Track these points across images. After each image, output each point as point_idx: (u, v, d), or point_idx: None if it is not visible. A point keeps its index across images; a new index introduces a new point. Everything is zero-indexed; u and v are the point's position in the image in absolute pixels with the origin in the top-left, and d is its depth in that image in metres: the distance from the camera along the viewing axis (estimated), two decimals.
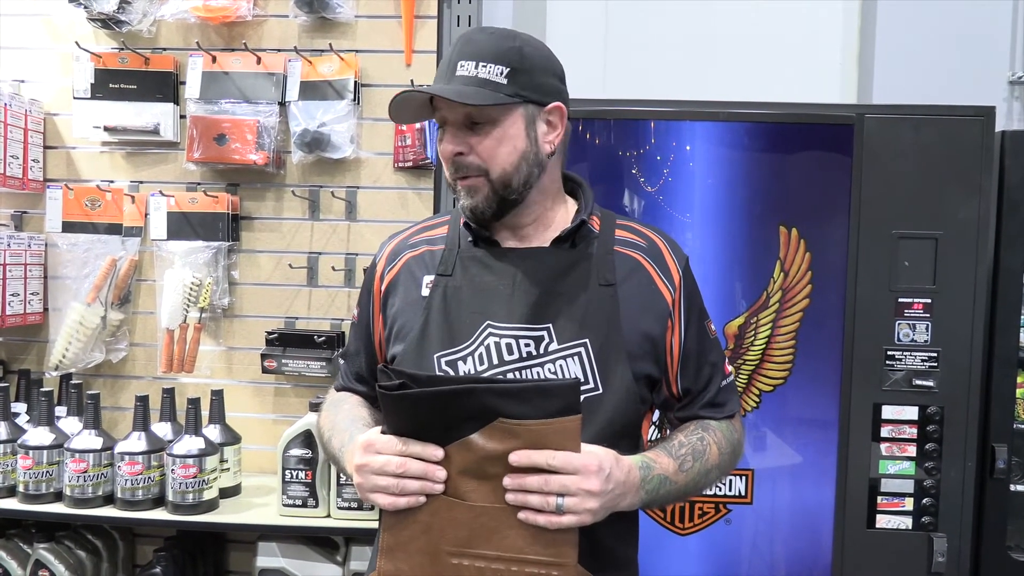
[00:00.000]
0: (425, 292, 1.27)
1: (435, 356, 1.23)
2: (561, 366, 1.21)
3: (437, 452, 1.07)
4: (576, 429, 1.06)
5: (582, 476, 1.05)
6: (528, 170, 1.24)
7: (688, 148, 2.00)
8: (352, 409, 1.35)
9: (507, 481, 1.06)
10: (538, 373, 1.21)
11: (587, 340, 1.21)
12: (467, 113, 1.20)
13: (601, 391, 1.21)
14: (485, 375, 1.21)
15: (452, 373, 1.23)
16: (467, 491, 1.07)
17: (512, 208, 1.25)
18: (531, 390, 1.07)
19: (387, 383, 1.08)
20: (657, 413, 1.45)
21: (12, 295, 2.21)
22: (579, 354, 1.21)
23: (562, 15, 2.62)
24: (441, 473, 1.07)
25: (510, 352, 1.21)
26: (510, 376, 1.20)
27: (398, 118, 1.30)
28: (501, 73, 1.19)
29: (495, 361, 1.21)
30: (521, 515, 1.06)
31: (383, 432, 1.12)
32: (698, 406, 1.32)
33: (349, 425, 1.27)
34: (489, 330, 1.22)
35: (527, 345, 1.21)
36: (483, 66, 1.19)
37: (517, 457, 1.05)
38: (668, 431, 1.38)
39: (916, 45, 2.47)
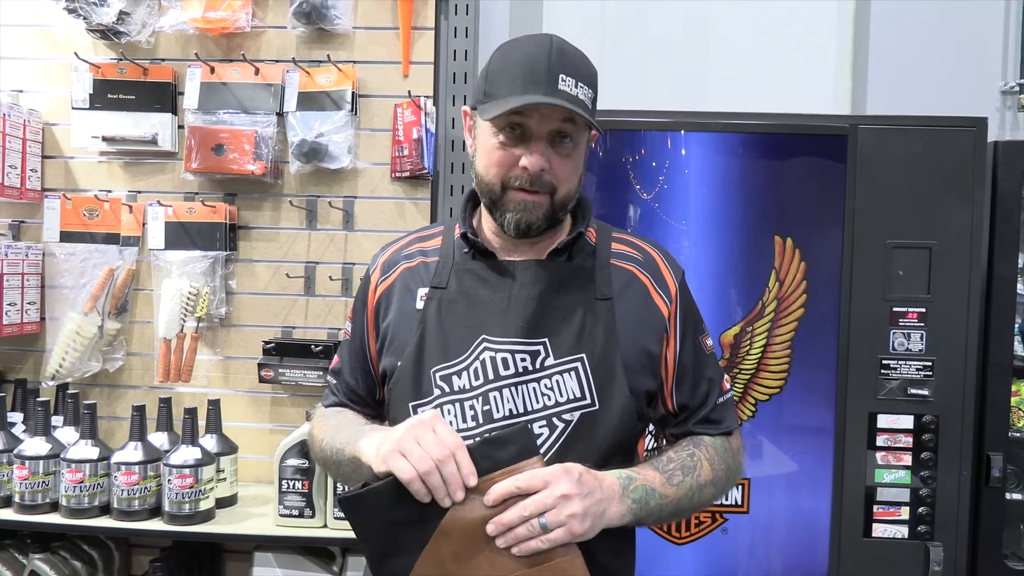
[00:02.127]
0: (420, 304, 1.26)
1: (431, 371, 1.22)
2: (558, 381, 1.20)
3: (472, 479, 1.06)
4: (538, 468, 1.08)
5: (552, 486, 1.05)
6: (576, 193, 1.26)
7: (683, 157, 2.01)
8: (356, 416, 1.34)
9: (490, 528, 1.06)
10: (535, 388, 1.20)
11: (584, 355, 1.21)
12: (560, 130, 1.19)
13: (598, 407, 1.20)
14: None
15: (447, 388, 1.21)
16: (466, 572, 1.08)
17: (556, 226, 1.26)
18: (482, 445, 1.09)
19: (348, 490, 1.11)
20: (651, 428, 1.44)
21: (9, 304, 2.21)
22: (576, 369, 1.20)
23: (558, 25, 2.64)
24: (460, 495, 1.06)
25: (506, 367, 1.20)
26: (506, 393, 1.19)
27: (485, 115, 1.19)
28: (589, 98, 1.20)
29: (491, 376, 1.20)
30: (515, 550, 1.05)
31: (360, 540, 1.11)
32: (694, 422, 1.30)
33: (355, 424, 1.27)
34: (484, 344, 1.21)
35: (523, 360, 1.20)
36: (581, 87, 1.18)
37: (489, 497, 1.05)
38: (664, 441, 1.38)
39: (910, 55, 2.49)
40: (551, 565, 1.06)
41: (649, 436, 1.91)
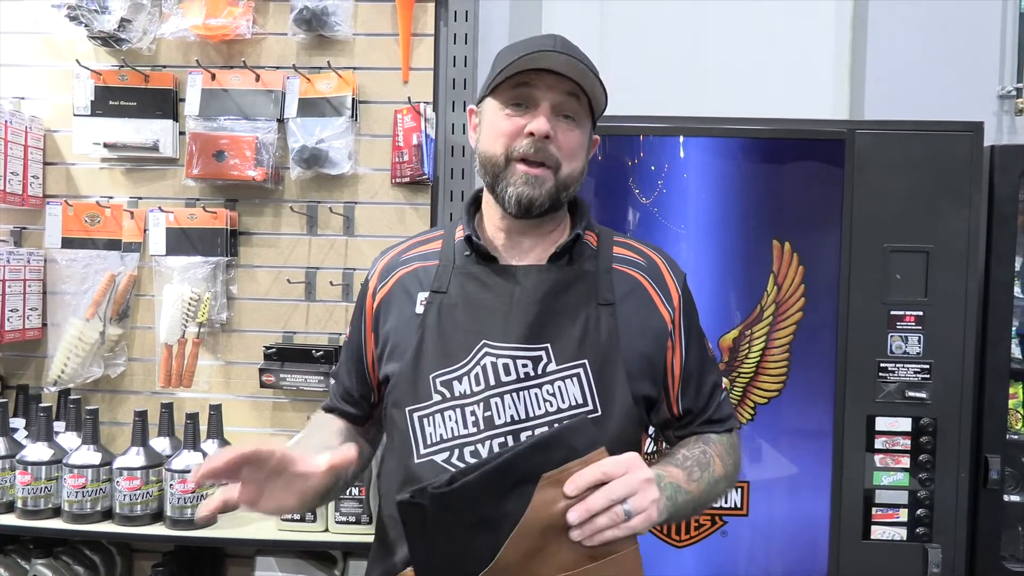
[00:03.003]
0: (419, 309, 1.26)
1: (431, 376, 1.22)
2: (560, 387, 1.19)
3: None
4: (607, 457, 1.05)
5: (632, 472, 1.03)
6: (579, 181, 1.27)
7: (682, 162, 2.03)
8: (323, 438, 1.32)
9: (571, 515, 1.01)
10: (536, 394, 1.19)
11: (586, 361, 1.20)
12: (565, 102, 1.22)
13: (601, 412, 1.19)
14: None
15: (448, 393, 1.20)
16: (545, 571, 1.03)
17: (557, 210, 1.27)
18: (555, 437, 1.04)
19: (430, 484, 1.03)
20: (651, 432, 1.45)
21: (11, 311, 2.22)
22: (578, 375, 1.20)
23: (557, 30, 2.65)
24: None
25: (507, 373, 1.19)
26: (507, 399, 1.18)
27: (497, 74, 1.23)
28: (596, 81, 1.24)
29: (492, 382, 1.19)
30: (588, 541, 1.01)
31: (423, 546, 1.05)
32: (697, 424, 1.31)
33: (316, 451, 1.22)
34: (485, 349, 1.21)
35: (525, 366, 1.19)
36: (587, 64, 1.22)
37: (570, 486, 1.01)
38: (664, 445, 1.38)
39: (907, 60, 2.50)
40: (616, 558, 1.03)
41: (649, 440, 1.92)
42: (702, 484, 1.20)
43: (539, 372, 1.20)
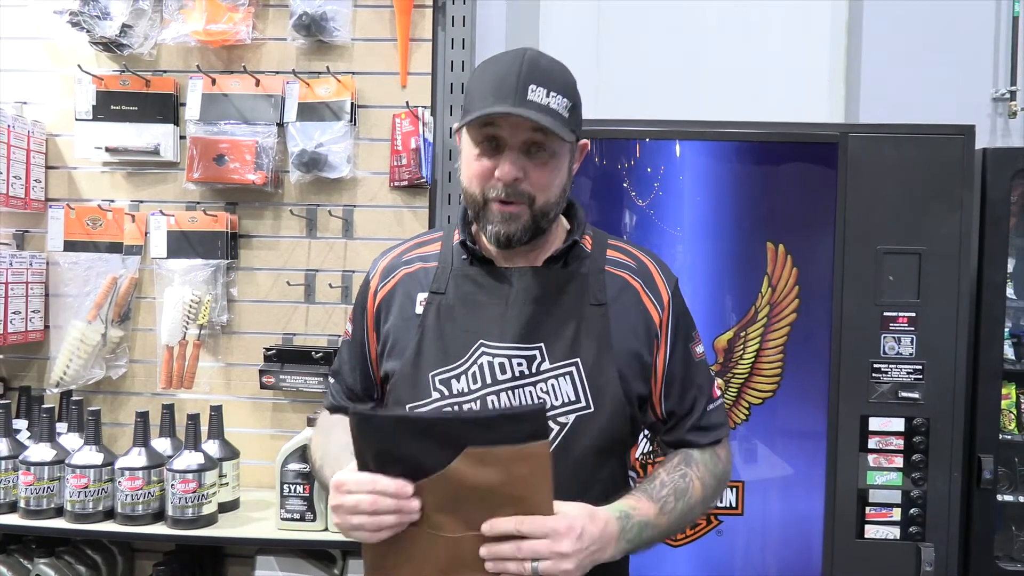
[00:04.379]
0: (419, 309, 1.29)
1: (430, 374, 1.25)
2: (553, 385, 1.23)
3: (407, 488, 1.05)
4: (545, 454, 1.05)
5: (552, 540, 1.04)
6: (561, 201, 1.27)
7: (678, 164, 2.05)
8: (342, 435, 1.32)
9: (483, 551, 1.05)
10: (531, 392, 1.22)
11: (579, 359, 1.23)
12: (532, 140, 1.20)
13: (593, 410, 1.22)
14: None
15: (446, 391, 1.24)
16: (443, 523, 1.07)
17: (540, 236, 1.27)
18: (498, 418, 1.08)
19: (357, 409, 1.09)
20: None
21: (14, 313, 2.24)
22: (571, 373, 1.23)
23: (554, 36, 2.68)
24: (414, 504, 1.05)
25: (503, 371, 1.23)
26: (503, 396, 1.22)
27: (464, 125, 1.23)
28: (565, 107, 1.20)
29: (488, 380, 1.23)
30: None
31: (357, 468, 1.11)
32: (684, 430, 1.32)
33: (339, 454, 1.25)
34: (482, 349, 1.24)
35: (519, 364, 1.23)
36: (553, 96, 1.18)
37: (488, 527, 1.04)
38: (659, 447, 1.40)
39: (902, 63, 2.52)
40: None
41: (644, 439, 1.94)
42: (674, 515, 1.22)
43: (533, 371, 1.23)
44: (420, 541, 1.08)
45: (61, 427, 2.20)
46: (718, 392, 1.37)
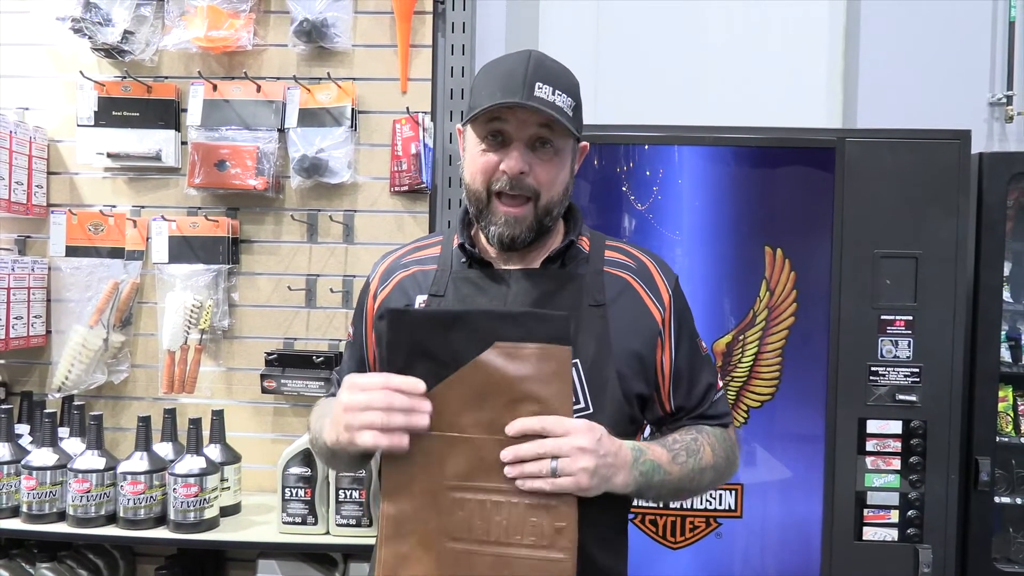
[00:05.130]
0: None
1: None
2: None
3: (419, 385, 1.07)
4: (567, 359, 1.09)
5: (573, 436, 1.08)
6: (563, 201, 1.29)
7: (676, 169, 2.06)
8: (330, 400, 1.36)
9: (503, 453, 1.07)
10: None
11: (577, 361, 1.23)
12: (538, 135, 1.22)
13: (592, 410, 1.23)
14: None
15: None
16: (465, 425, 1.09)
17: (543, 236, 1.28)
18: (526, 314, 1.11)
19: (388, 307, 1.12)
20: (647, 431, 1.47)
21: (16, 318, 2.25)
22: (574, 362, 1.23)
23: (554, 42, 2.70)
24: (426, 405, 1.07)
25: None
26: None
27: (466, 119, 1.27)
28: (570, 106, 1.23)
29: None
30: (519, 482, 1.07)
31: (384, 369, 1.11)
32: (691, 418, 1.34)
33: (325, 410, 1.27)
34: None
35: None
36: (559, 94, 1.21)
37: (511, 428, 1.07)
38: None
39: (900, 68, 2.54)
40: (546, 504, 1.08)
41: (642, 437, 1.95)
42: (685, 469, 1.24)
43: None
44: (440, 448, 1.09)
45: (63, 432, 2.20)
46: (720, 383, 1.40)
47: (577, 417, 1.21)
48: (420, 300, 1.30)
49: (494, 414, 1.08)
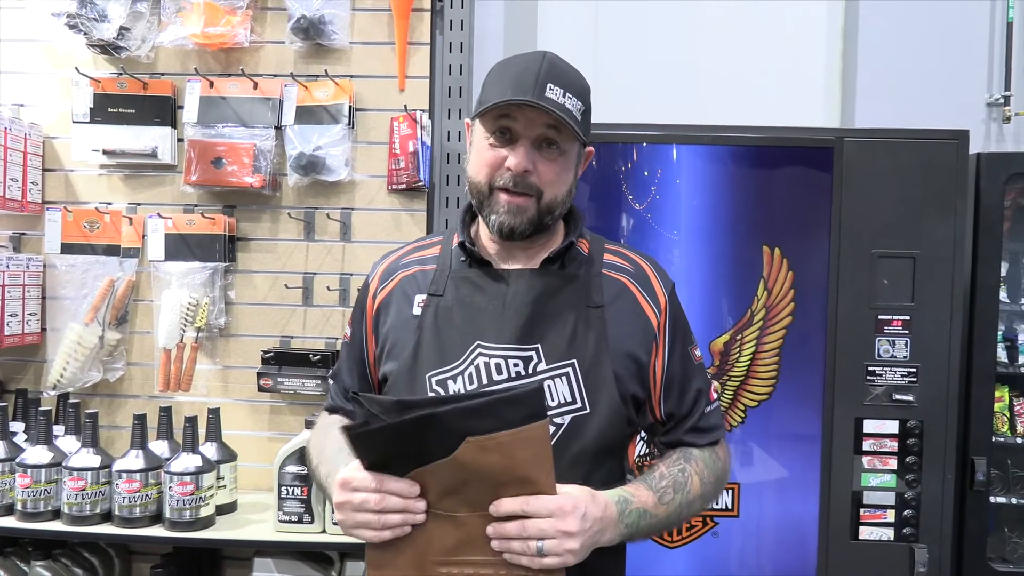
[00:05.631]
0: (417, 311, 1.30)
1: (427, 376, 1.26)
2: (549, 386, 1.24)
3: (414, 488, 1.08)
4: (544, 435, 1.07)
5: (557, 518, 1.07)
6: (566, 202, 1.29)
7: (675, 168, 2.06)
8: (340, 436, 1.35)
9: (489, 530, 1.08)
10: None
11: (575, 361, 1.24)
12: (545, 135, 1.23)
13: (588, 411, 1.24)
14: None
15: (442, 392, 1.25)
16: (449, 507, 1.09)
17: (543, 233, 1.29)
18: (494, 404, 1.07)
19: (352, 424, 1.10)
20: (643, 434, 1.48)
21: (11, 315, 2.24)
22: (567, 374, 1.24)
23: (552, 40, 2.70)
24: (420, 505, 1.08)
25: (499, 372, 1.24)
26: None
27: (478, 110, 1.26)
28: (579, 110, 1.24)
29: (484, 381, 1.24)
30: (506, 556, 1.08)
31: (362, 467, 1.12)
32: (682, 431, 1.34)
33: (335, 455, 1.27)
34: (479, 350, 1.25)
35: (516, 365, 1.24)
36: (569, 97, 1.22)
37: (494, 508, 1.07)
38: (656, 448, 1.41)
39: (897, 68, 2.55)
40: (534, 574, 1.08)
41: (641, 442, 1.96)
42: (672, 507, 1.25)
43: (530, 371, 1.24)
44: (425, 525, 1.09)
45: (58, 430, 2.19)
46: (715, 395, 1.39)
47: (573, 417, 1.22)
48: (419, 299, 1.31)
49: (476, 498, 1.08)
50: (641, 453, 2.00)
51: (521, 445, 1.06)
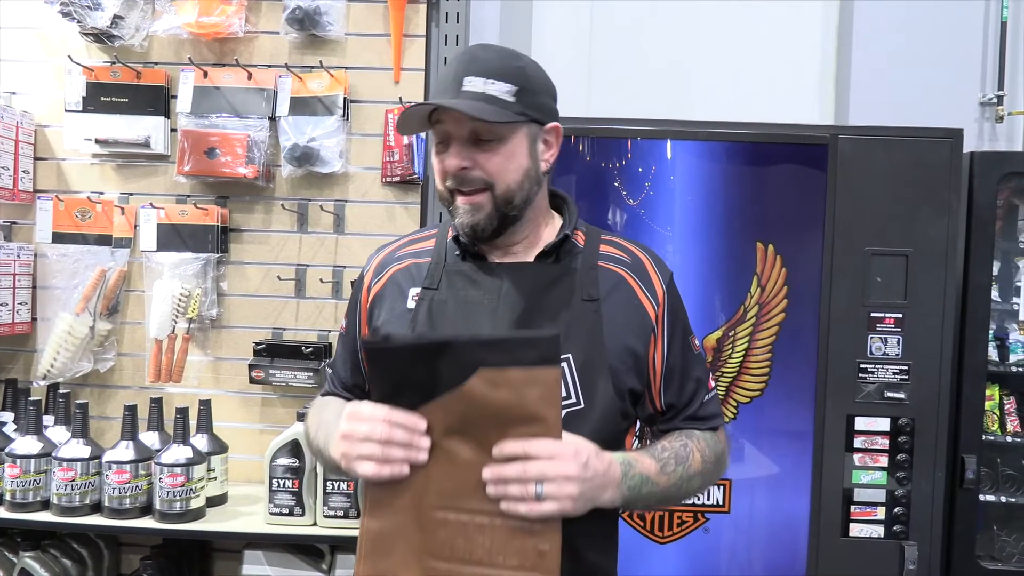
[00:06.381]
0: (411, 304, 1.29)
1: None
2: None
3: (421, 423, 1.08)
4: (555, 380, 1.07)
5: (559, 461, 1.06)
6: (529, 187, 1.26)
7: (669, 164, 2.06)
8: (339, 407, 1.35)
9: (486, 473, 1.06)
10: None
11: (570, 355, 1.23)
12: (474, 129, 1.21)
13: (583, 406, 1.23)
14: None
15: None
16: (451, 448, 1.08)
17: (511, 225, 1.27)
18: (510, 341, 1.09)
19: (372, 339, 1.11)
20: (638, 426, 1.48)
21: (1, 305, 2.23)
22: (561, 369, 1.23)
23: (546, 34, 2.69)
24: (425, 442, 1.08)
25: None
26: None
27: (402, 130, 1.29)
28: (508, 91, 1.21)
29: None
30: (503, 505, 1.06)
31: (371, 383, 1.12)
32: (681, 419, 1.34)
33: (335, 419, 1.26)
34: None
35: None
36: (490, 83, 1.20)
37: (497, 450, 1.06)
38: (648, 441, 1.41)
39: (892, 67, 2.55)
40: (530, 528, 1.07)
41: (636, 440, 1.95)
42: (674, 478, 1.24)
43: None
44: (426, 466, 1.09)
45: (48, 420, 2.18)
46: (713, 383, 1.39)
47: (568, 413, 1.21)
48: (413, 293, 1.30)
49: (480, 437, 1.08)
50: (636, 447, 2.00)
51: (532, 385, 1.06)
